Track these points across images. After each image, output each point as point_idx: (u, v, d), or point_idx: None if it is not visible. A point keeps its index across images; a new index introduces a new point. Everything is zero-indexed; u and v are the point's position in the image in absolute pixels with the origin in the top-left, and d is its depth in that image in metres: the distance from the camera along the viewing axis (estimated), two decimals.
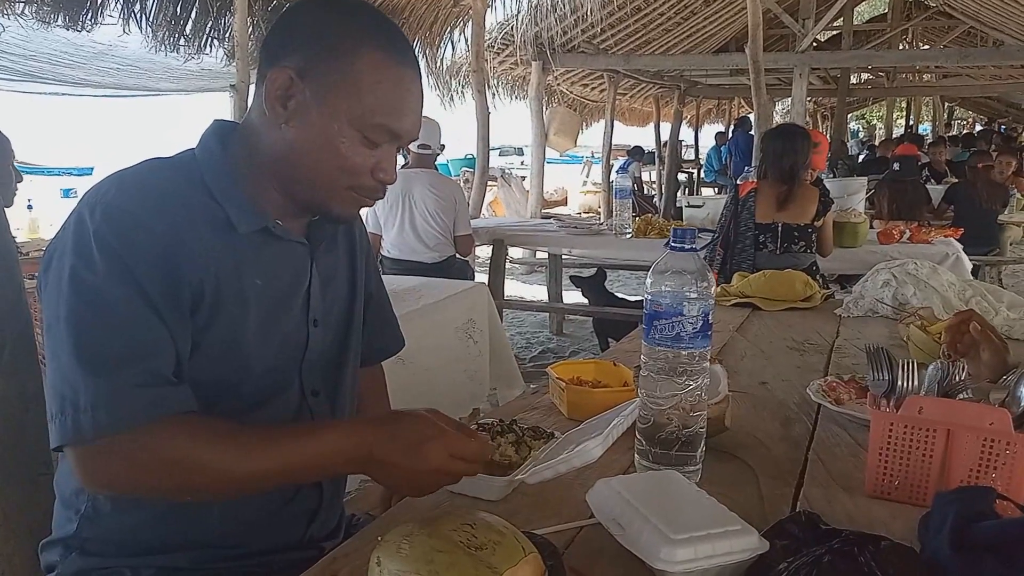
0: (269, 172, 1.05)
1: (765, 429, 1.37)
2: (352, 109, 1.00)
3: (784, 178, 3.51)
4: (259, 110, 1.03)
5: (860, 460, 1.19)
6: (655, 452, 1.10)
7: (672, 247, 1.09)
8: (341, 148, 1.01)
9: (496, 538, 0.82)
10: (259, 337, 1.05)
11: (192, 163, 1.05)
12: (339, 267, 1.21)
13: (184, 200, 1.00)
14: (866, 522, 1.01)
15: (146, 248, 0.94)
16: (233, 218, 1.02)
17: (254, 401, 1.07)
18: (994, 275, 6.91)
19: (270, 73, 1.00)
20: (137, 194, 0.98)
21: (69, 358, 0.91)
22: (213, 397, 1.02)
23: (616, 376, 1.50)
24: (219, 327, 1.01)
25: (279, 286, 1.08)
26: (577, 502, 1.05)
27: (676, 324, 1.06)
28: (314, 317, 1.13)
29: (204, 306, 0.99)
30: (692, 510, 0.91)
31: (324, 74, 0.99)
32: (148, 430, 0.91)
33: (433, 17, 6.65)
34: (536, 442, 1.17)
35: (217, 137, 1.07)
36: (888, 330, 2.09)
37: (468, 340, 2.95)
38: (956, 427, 1.03)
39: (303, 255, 1.12)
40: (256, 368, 1.06)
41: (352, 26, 1.01)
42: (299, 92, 0.99)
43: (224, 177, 1.04)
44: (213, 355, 1.01)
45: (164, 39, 4.69)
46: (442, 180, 4.24)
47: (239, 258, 1.03)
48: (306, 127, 1.00)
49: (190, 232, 0.98)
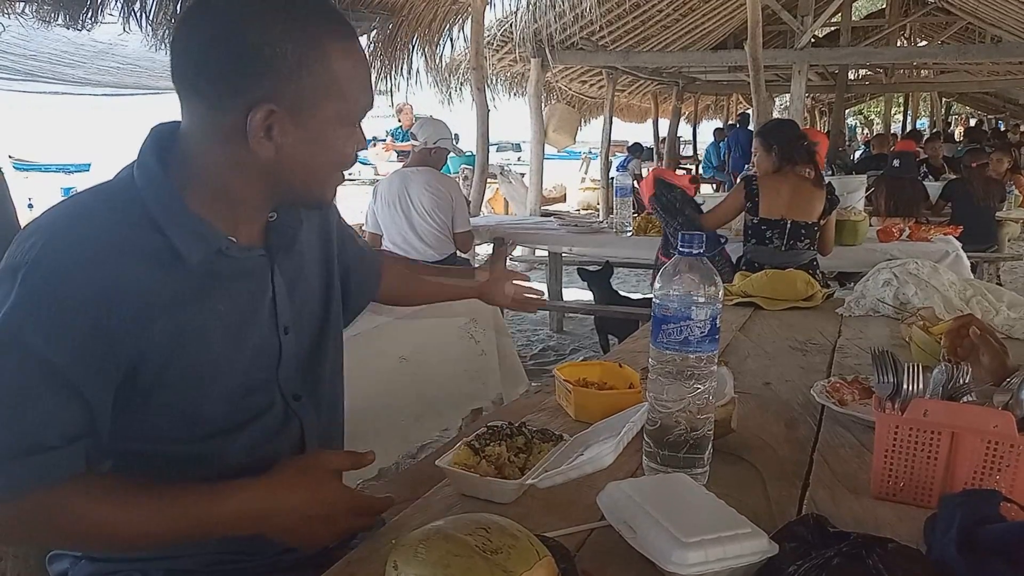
0: (236, 185, 1.00)
1: (770, 430, 1.38)
2: (340, 108, 0.99)
3: (806, 160, 3.55)
4: (213, 131, 0.97)
5: (865, 461, 1.21)
6: (663, 455, 1.12)
7: (680, 251, 1.10)
8: (336, 145, 1.01)
9: (510, 542, 0.83)
10: (227, 360, 1.03)
11: (131, 191, 0.98)
12: (306, 264, 1.16)
13: (122, 246, 0.94)
14: (872, 524, 1.03)
15: (69, 321, 0.90)
16: (181, 249, 0.97)
17: (239, 419, 1.06)
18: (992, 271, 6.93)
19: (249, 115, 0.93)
20: (65, 253, 0.91)
21: None
22: (193, 424, 1.02)
23: (622, 378, 1.51)
24: (181, 364, 0.98)
25: (241, 304, 1.05)
26: (586, 505, 1.06)
27: (684, 328, 1.07)
28: (284, 325, 1.10)
29: (153, 358, 0.96)
30: (702, 513, 0.93)
31: (303, 91, 0.95)
32: (35, 498, 0.91)
33: (432, 14, 6.65)
34: (545, 445, 1.18)
35: (156, 154, 1.00)
36: (890, 330, 2.10)
37: (470, 340, 2.96)
38: (960, 430, 1.04)
39: (262, 266, 1.08)
40: (231, 388, 1.04)
41: (305, 30, 0.94)
42: (280, 119, 0.94)
43: (167, 201, 0.98)
44: (181, 389, 1.00)
45: (164, 37, 4.69)
46: (439, 178, 4.24)
47: (194, 289, 0.99)
48: (296, 142, 0.97)
49: (131, 284, 0.93)
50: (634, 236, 4.60)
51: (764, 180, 3.62)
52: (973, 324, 1.38)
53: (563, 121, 9.47)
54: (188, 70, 0.96)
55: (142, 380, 0.97)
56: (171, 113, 1.06)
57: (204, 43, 0.94)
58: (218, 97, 0.94)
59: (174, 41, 0.98)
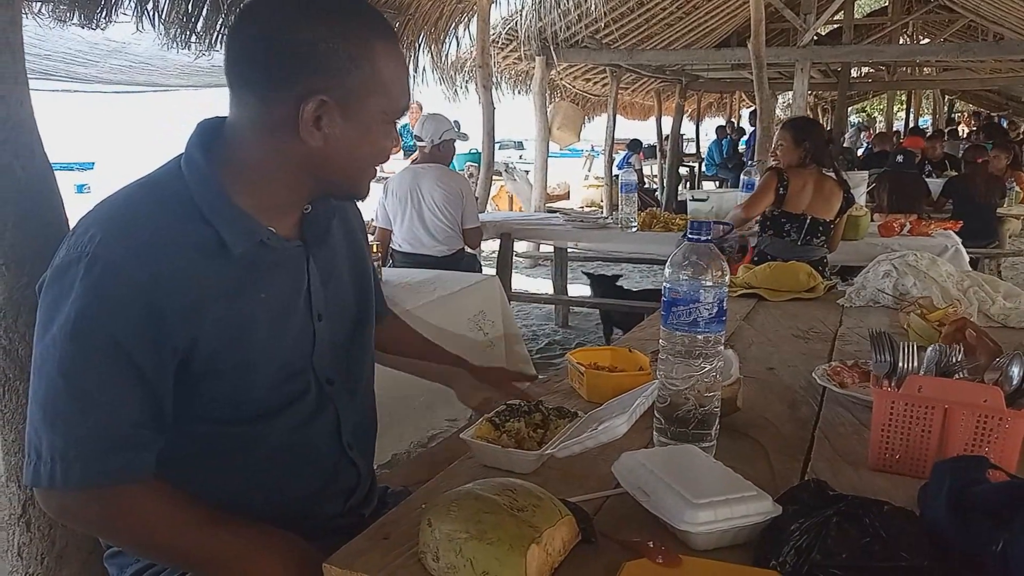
0: (279, 175, 1.07)
1: (774, 410, 1.45)
2: (383, 103, 1.06)
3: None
4: (264, 122, 1.03)
5: (863, 438, 1.27)
6: (673, 430, 1.19)
7: (689, 238, 1.17)
8: (378, 140, 1.08)
9: (535, 502, 0.90)
10: (269, 345, 1.09)
11: (179, 182, 1.04)
12: (338, 257, 1.23)
13: (174, 238, 1.00)
14: (870, 492, 1.09)
15: (129, 302, 0.96)
16: (228, 240, 1.03)
17: (279, 403, 1.12)
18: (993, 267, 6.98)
19: (302, 105, 1.00)
20: (122, 242, 0.97)
21: (37, 408, 0.98)
22: (237, 409, 1.09)
23: (632, 361, 1.58)
24: (230, 351, 1.05)
25: (282, 293, 1.11)
26: (601, 475, 1.13)
27: (693, 310, 1.14)
28: (318, 312, 1.16)
29: (205, 345, 1.02)
30: (711, 478, 1.00)
31: (352, 86, 1.02)
32: (100, 494, 0.98)
33: (438, 13, 6.71)
34: (561, 421, 1.25)
35: (202, 148, 1.06)
36: (889, 319, 2.17)
37: (479, 331, 3.03)
38: (953, 404, 1.11)
39: (299, 256, 1.14)
40: (272, 374, 1.10)
41: (355, 28, 1.03)
42: (330, 110, 1.01)
43: (213, 193, 1.04)
44: (229, 375, 1.06)
45: (176, 36, 4.76)
46: (449, 174, 4.32)
47: (240, 279, 1.06)
48: (342, 134, 1.04)
49: (183, 274, 0.99)
50: (639, 231, 4.66)
51: (792, 173, 3.67)
52: (969, 326, 1.45)
53: (567, 119, 9.53)
54: (243, 64, 1.03)
55: (194, 367, 1.03)
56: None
57: (261, 38, 1.01)
58: (272, 89, 1.01)
59: (231, 37, 1.05)
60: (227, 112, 1.08)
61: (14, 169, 1.32)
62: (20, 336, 1.37)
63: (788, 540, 0.88)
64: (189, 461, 1.08)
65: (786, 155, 3.71)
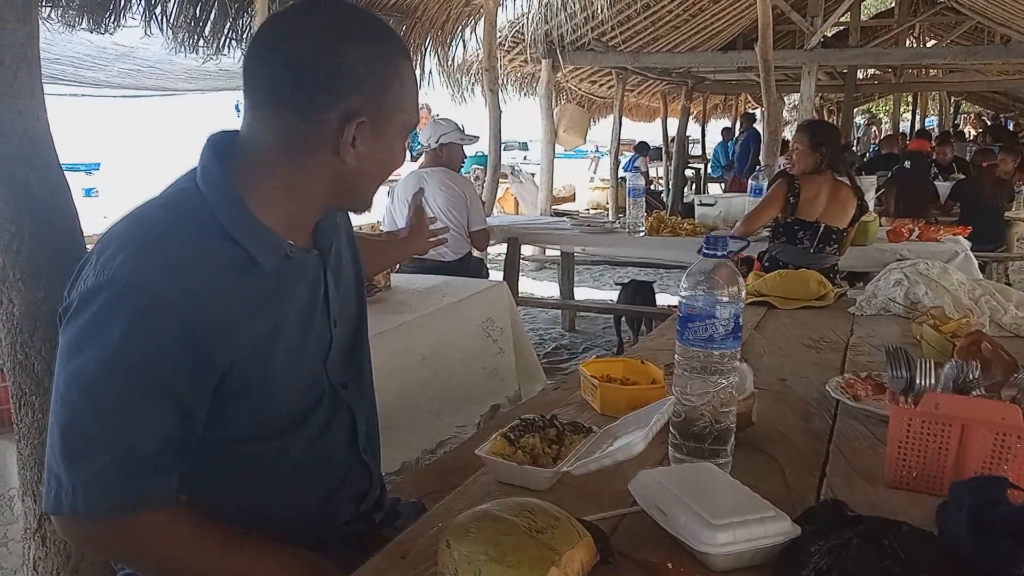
0: (305, 191, 1.07)
1: (787, 423, 1.44)
2: (405, 120, 1.10)
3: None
4: (299, 140, 1.04)
5: (879, 453, 1.27)
6: (689, 445, 1.18)
7: (705, 253, 1.17)
8: (396, 154, 1.11)
9: (553, 523, 0.90)
10: (296, 358, 1.10)
11: (197, 198, 1.03)
12: (343, 263, 1.25)
13: (202, 257, 1.00)
14: (887, 510, 1.08)
15: (165, 324, 0.95)
16: (257, 256, 1.03)
17: (299, 414, 1.12)
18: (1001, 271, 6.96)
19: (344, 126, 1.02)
20: (151, 264, 0.96)
21: (57, 435, 0.97)
22: (262, 423, 1.08)
23: (644, 373, 1.58)
24: (261, 366, 1.05)
25: (304, 303, 1.12)
26: (616, 491, 1.13)
27: (709, 326, 1.14)
28: (334, 318, 1.18)
29: (240, 363, 1.02)
30: (729, 498, 0.99)
31: (385, 107, 1.06)
32: (122, 522, 0.98)
33: (445, 16, 6.73)
34: (576, 436, 1.25)
35: (218, 162, 1.05)
36: (900, 328, 2.16)
37: (487, 338, 3.03)
38: (970, 422, 1.11)
39: (316, 265, 1.15)
40: (294, 384, 1.11)
41: (386, 50, 1.06)
42: (363, 130, 1.04)
43: (237, 210, 1.03)
44: (259, 389, 1.06)
45: (184, 41, 4.78)
46: (452, 177, 4.30)
47: (268, 294, 1.06)
48: (372, 151, 1.06)
49: (215, 294, 0.99)
50: (647, 236, 4.66)
51: (805, 180, 3.61)
52: (984, 340, 1.45)
53: (573, 122, 9.53)
54: (283, 85, 1.02)
55: (228, 384, 1.03)
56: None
57: (302, 61, 1.01)
58: (316, 111, 1.02)
59: (262, 57, 1.04)
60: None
61: (30, 183, 1.32)
62: (36, 351, 1.37)
63: (807, 562, 0.88)
64: (209, 478, 1.08)
65: (802, 159, 3.63)
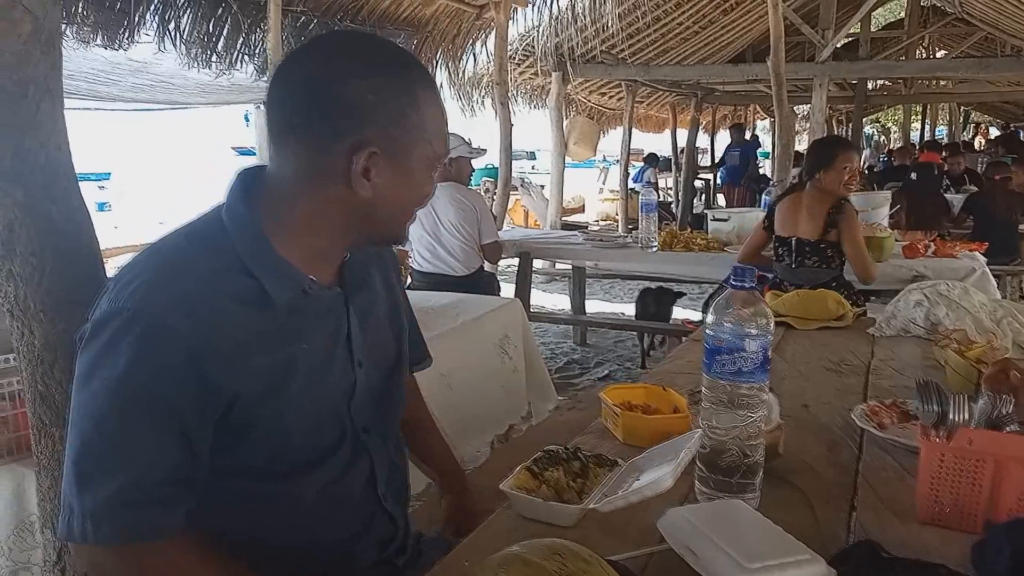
0: (325, 224, 1.06)
1: (812, 453, 1.42)
2: (426, 151, 1.07)
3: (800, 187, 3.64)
4: (315, 172, 1.03)
5: (907, 485, 1.25)
6: (716, 479, 1.16)
7: (732, 285, 1.15)
8: (422, 188, 1.09)
9: (583, 566, 0.88)
10: (310, 396, 1.08)
11: (220, 232, 1.04)
12: (376, 301, 1.22)
13: (218, 289, 1.00)
14: (920, 547, 1.07)
15: (171, 353, 0.96)
16: (271, 291, 1.03)
17: (314, 456, 1.10)
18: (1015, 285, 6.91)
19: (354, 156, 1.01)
20: (164, 295, 0.97)
21: (71, 462, 0.97)
22: (273, 462, 1.07)
23: (666, 401, 1.56)
24: (271, 402, 1.03)
25: (323, 341, 1.11)
26: (641, 527, 1.11)
27: (737, 359, 1.12)
28: (358, 359, 1.15)
29: (248, 396, 1.01)
30: (762, 539, 0.98)
31: (400, 137, 1.04)
32: (129, 551, 0.97)
33: (456, 30, 6.74)
34: (600, 469, 1.23)
35: (244, 197, 1.06)
36: (921, 350, 2.14)
37: (504, 356, 3.01)
38: (1004, 458, 1.09)
39: (339, 303, 1.14)
40: (309, 424, 1.09)
41: (403, 80, 1.04)
42: (377, 160, 1.02)
43: (255, 243, 1.04)
44: (269, 426, 1.04)
45: (197, 56, 4.80)
46: (462, 191, 4.29)
47: (282, 329, 1.05)
48: (388, 182, 1.04)
49: (227, 326, 0.99)
50: (660, 251, 4.64)
51: (786, 199, 3.67)
52: (1012, 369, 1.43)
53: (583, 134, 9.54)
54: (296, 116, 1.02)
55: (235, 419, 1.02)
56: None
57: (313, 93, 1.01)
58: (326, 141, 1.02)
59: (281, 91, 1.04)
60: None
61: (52, 215, 1.32)
62: (56, 383, 1.36)
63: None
64: (222, 513, 1.07)
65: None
